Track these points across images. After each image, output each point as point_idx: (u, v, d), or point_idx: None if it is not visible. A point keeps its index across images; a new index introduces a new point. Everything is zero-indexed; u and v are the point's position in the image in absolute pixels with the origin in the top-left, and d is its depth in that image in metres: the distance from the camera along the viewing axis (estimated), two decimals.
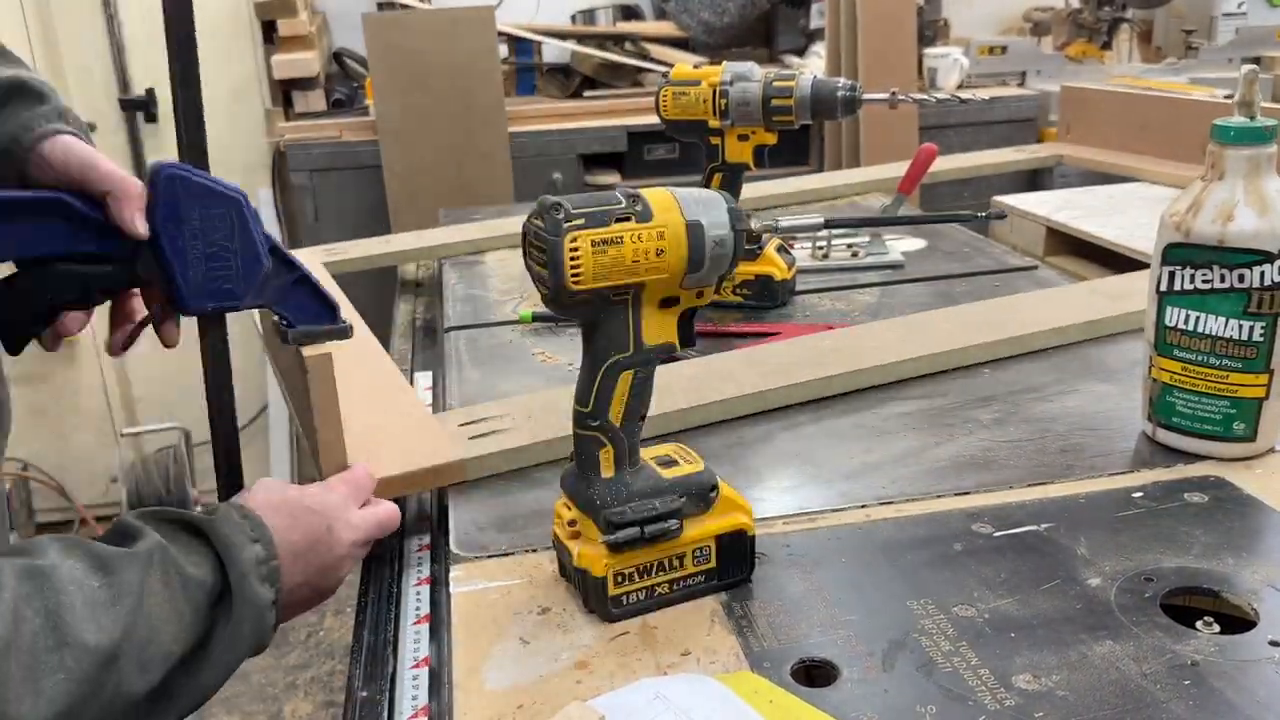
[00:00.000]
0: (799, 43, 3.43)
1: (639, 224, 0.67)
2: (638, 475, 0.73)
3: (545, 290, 0.68)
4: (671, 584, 0.73)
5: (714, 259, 0.69)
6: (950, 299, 1.36)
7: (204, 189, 0.73)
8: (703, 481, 0.73)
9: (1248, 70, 0.83)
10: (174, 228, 0.73)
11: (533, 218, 0.67)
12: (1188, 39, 3.51)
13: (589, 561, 0.71)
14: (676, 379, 1.07)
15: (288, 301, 0.81)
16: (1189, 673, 0.63)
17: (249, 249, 0.76)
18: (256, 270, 0.76)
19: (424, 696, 0.70)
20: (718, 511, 0.74)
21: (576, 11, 3.49)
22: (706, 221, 0.69)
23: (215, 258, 0.75)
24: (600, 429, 0.71)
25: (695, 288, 0.70)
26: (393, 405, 1.04)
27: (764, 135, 1.31)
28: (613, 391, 0.70)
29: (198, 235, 0.74)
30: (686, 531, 0.72)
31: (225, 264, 0.75)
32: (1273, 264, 0.82)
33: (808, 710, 0.61)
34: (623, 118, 3.08)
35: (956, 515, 0.82)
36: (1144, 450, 0.92)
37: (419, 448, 0.94)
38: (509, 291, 1.48)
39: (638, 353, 0.70)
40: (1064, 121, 2.18)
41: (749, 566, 0.75)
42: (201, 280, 0.75)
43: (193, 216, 0.73)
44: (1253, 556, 0.74)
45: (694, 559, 0.73)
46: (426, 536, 0.90)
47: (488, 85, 2.87)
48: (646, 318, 0.70)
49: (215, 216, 0.74)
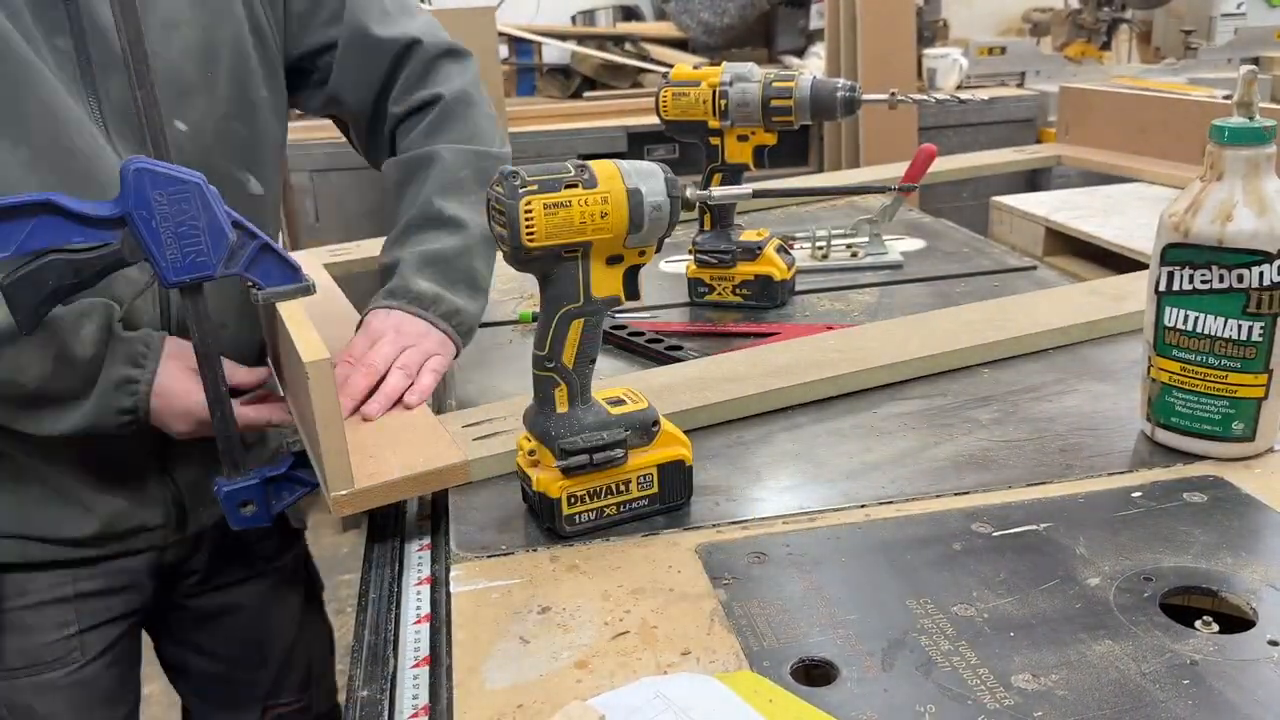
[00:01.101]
0: (799, 43, 3.43)
1: (585, 190, 0.76)
2: (589, 411, 0.83)
3: (505, 248, 0.77)
4: (619, 506, 0.84)
5: (653, 221, 0.79)
6: (949, 299, 1.36)
7: (168, 177, 0.83)
8: (646, 417, 0.84)
9: (1246, 71, 0.84)
10: (146, 213, 0.83)
11: (494, 185, 0.77)
12: (1187, 39, 3.52)
13: (545, 485, 0.82)
14: (679, 379, 1.07)
15: (255, 268, 0.89)
16: (1188, 672, 0.63)
17: (214, 225, 0.85)
18: (223, 242, 0.86)
19: (424, 696, 0.70)
20: (659, 444, 0.85)
21: (577, 12, 3.49)
22: (645, 189, 0.78)
23: (185, 235, 0.85)
24: (555, 370, 0.81)
25: (637, 247, 0.80)
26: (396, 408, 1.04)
27: (764, 136, 1.31)
28: (566, 337, 0.80)
29: (168, 218, 0.84)
30: (631, 460, 0.83)
31: (195, 240, 0.85)
32: (1271, 264, 0.82)
33: (808, 709, 0.61)
34: (622, 118, 3.08)
35: (956, 515, 0.82)
36: (1143, 450, 0.92)
37: (423, 450, 0.94)
38: (509, 291, 1.49)
39: (587, 303, 0.80)
40: (1063, 122, 2.18)
41: (688, 492, 0.87)
42: (176, 256, 0.85)
43: (161, 201, 0.83)
44: (1251, 556, 0.74)
45: (638, 484, 0.85)
46: (427, 536, 0.90)
47: (488, 86, 2.87)
48: (595, 272, 0.80)
49: (180, 199, 0.84)
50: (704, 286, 1.38)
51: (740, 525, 0.83)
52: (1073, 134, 2.14)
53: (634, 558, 0.79)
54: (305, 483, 0.99)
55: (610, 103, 3.19)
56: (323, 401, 0.83)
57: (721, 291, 1.37)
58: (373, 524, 0.96)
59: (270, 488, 0.98)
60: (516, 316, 1.36)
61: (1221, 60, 3.44)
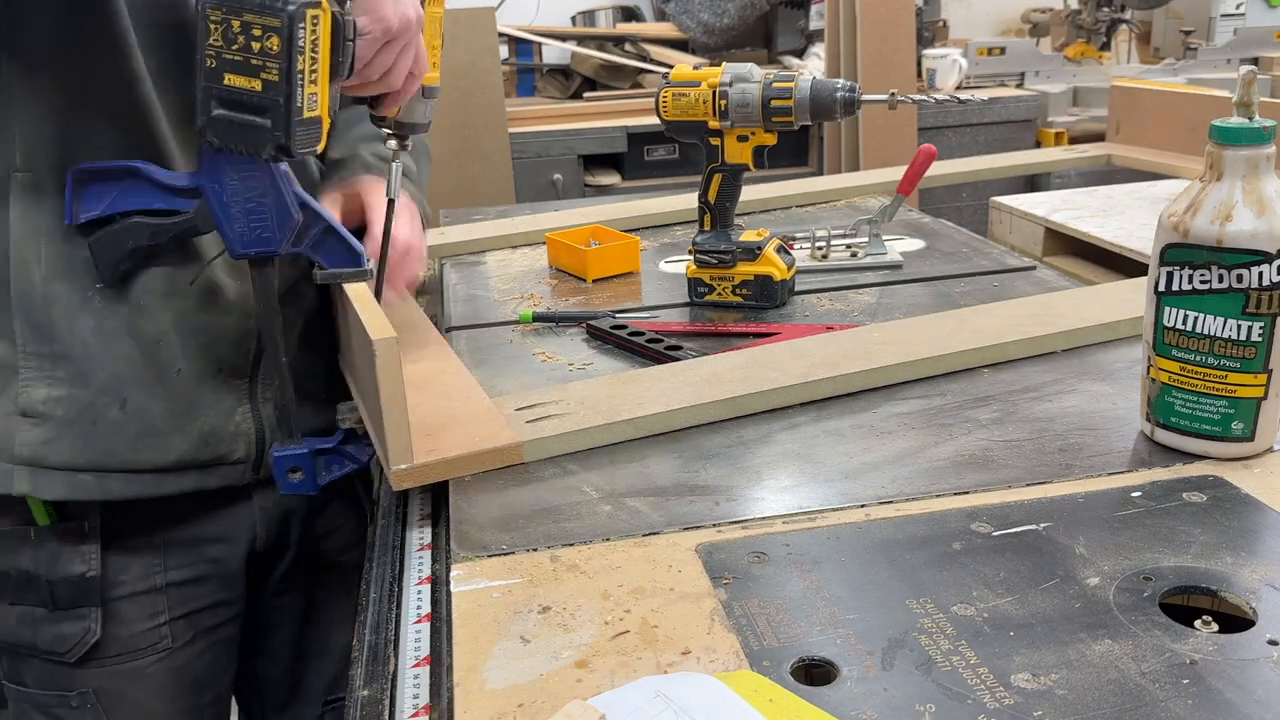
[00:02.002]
0: (798, 44, 3.43)
1: None
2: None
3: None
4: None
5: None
6: (949, 299, 1.36)
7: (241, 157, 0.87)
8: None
9: (1245, 71, 0.84)
10: (218, 187, 0.90)
11: None
12: (1186, 40, 3.52)
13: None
14: (679, 377, 1.08)
15: (320, 249, 0.94)
16: (1187, 672, 0.63)
17: (280, 204, 0.91)
18: (288, 222, 0.92)
19: (425, 695, 0.70)
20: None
21: (577, 13, 3.49)
22: None
23: (253, 212, 0.91)
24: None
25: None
26: (453, 390, 1.08)
27: (764, 136, 1.31)
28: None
29: (238, 193, 0.90)
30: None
31: (262, 217, 0.91)
32: (1271, 264, 0.82)
33: (808, 709, 0.61)
34: (622, 119, 3.08)
35: (955, 515, 0.82)
36: (1142, 450, 0.92)
37: (479, 430, 0.98)
38: (509, 292, 1.49)
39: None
40: (1113, 121, 2.16)
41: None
42: (244, 230, 0.92)
43: (233, 178, 0.89)
44: (1251, 556, 0.74)
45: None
46: (427, 536, 0.90)
47: (488, 86, 2.88)
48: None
49: (251, 178, 0.89)
50: (704, 286, 1.38)
51: (740, 525, 0.83)
52: (1123, 133, 2.13)
53: (634, 557, 0.79)
54: (353, 459, 1.03)
55: (610, 103, 3.19)
56: (388, 378, 0.87)
57: (721, 291, 1.37)
58: (373, 524, 0.97)
59: (320, 460, 1.02)
60: (517, 317, 1.36)
61: (1221, 60, 3.44)
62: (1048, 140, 3.13)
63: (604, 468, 0.94)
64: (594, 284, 1.50)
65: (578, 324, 1.33)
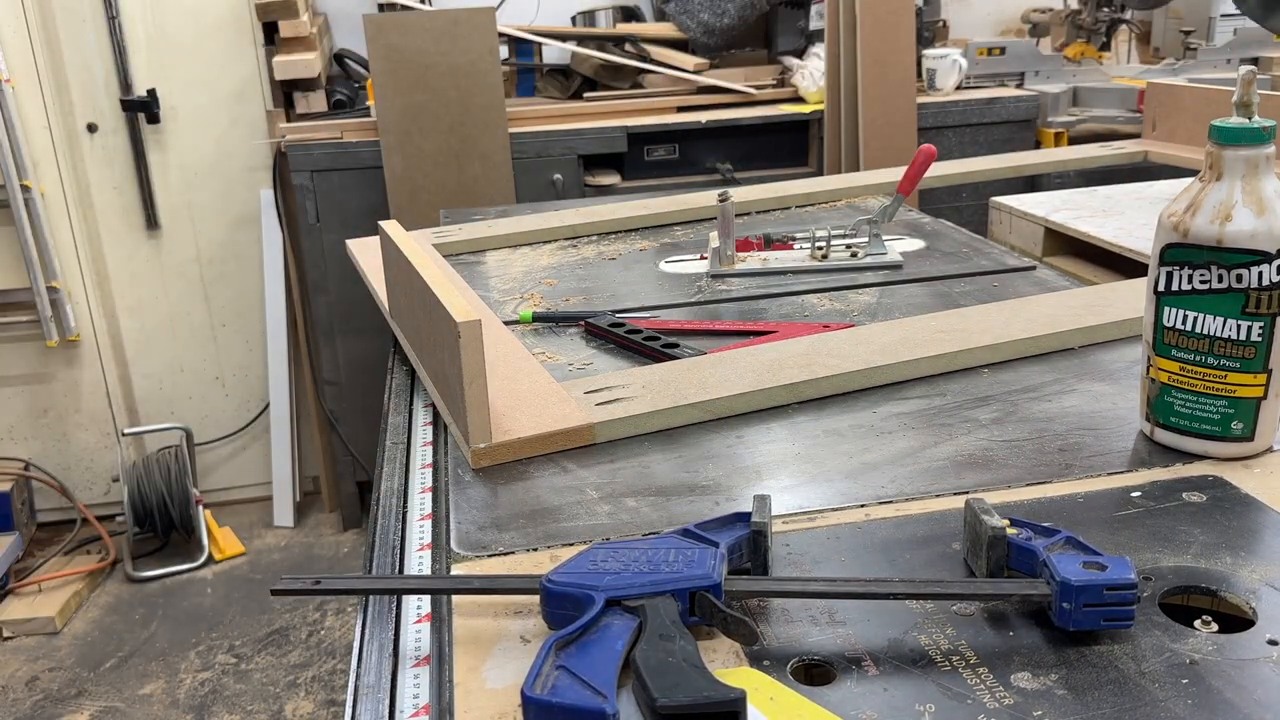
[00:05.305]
0: (798, 44, 3.43)
1: None
2: None
3: None
4: None
5: None
6: (949, 299, 1.36)
7: None
8: None
9: (1245, 71, 0.84)
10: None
11: None
12: (1186, 40, 3.52)
13: None
14: (678, 377, 1.08)
15: None
16: (1187, 671, 0.63)
17: None
18: None
19: (425, 695, 0.70)
20: None
21: (577, 13, 3.49)
22: None
23: None
24: None
25: None
26: (522, 374, 1.11)
27: None
28: None
29: None
30: None
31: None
32: (1270, 264, 0.82)
33: (808, 707, 0.61)
34: (622, 119, 3.08)
35: (955, 514, 0.82)
36: (1142, 450, 0.92)
37: (551, 412, 1.02)
38: (509, 291, 1.49)
39: None
40: (1149, 118, 2.18)
41: None
42: None
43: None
44: (1251, 556, 0.75)
45: None
46: (427, 535, 0.90)
47: (488, 86, 2.87)
48: None
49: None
50: None
51: None
52: (1159, 130, 2.14)
53: None
54: None
55: (610, 103, 3.19)
56: (471, 359, 0.91)
57: None
58: (373, 523, 0.97)
59: None
60: (517, 316, 1.36)
61: (1221, 60, 3.44)
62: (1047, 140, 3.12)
63: (604, 467, 0.94)
64: None
65: (577, 323, 1.33)
